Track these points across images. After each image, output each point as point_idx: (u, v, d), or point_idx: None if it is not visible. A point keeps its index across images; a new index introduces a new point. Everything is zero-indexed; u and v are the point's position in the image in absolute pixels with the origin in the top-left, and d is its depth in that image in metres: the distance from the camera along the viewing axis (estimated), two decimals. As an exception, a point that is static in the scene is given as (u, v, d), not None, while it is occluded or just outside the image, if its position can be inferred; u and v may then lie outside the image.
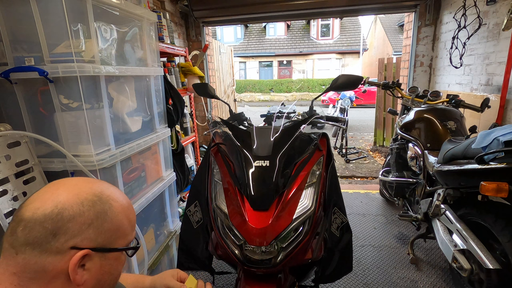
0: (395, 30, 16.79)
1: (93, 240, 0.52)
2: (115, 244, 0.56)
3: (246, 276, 1.09)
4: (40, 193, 0.53)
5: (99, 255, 0.53)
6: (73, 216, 0.50)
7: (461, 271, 1.49)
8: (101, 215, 0.54)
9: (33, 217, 0.49)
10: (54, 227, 0.49)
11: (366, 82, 2.60)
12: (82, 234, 0.51)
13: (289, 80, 17.42)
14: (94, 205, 0.53)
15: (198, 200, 1.27)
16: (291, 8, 3.53)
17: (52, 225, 0.49)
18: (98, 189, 0.56)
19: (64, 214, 0.50)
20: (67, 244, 0.50)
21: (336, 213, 1.19)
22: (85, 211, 0.52)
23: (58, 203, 0.50)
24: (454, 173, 1.54)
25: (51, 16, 1.11)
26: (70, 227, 0.50)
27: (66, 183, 0.56)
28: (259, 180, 1.06)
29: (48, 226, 0.48)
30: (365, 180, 3.86)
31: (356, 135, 6.88)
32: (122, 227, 0.57)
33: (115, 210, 0.56)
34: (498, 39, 2.37)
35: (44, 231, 0.48)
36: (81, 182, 0.56)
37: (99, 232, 0.53)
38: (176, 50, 2.48)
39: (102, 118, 1.28)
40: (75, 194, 0.53)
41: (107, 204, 0.55)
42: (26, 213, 0.49)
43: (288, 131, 1.18)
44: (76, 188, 0.54)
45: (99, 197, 0.55)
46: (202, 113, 4.16)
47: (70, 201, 0.51)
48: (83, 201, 0.52)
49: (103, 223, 0.54)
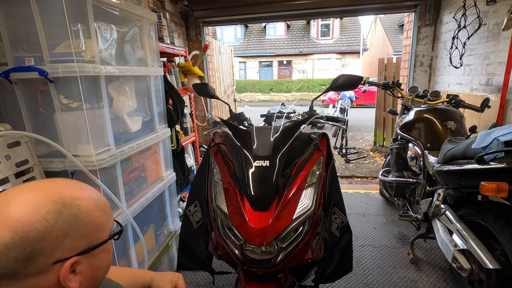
0: (395, 30, 16.79)
1: (75, 248, 0.48)
2: (98, 240, 0.53)
3: (246, 276, 1.09)
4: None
5: (86, 256, 0.50)
6: (41, 236, 0.44)
7: (461, 271, 1.50)
8: (73, 222, 0.48)
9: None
10: (23, 253, 0.42)
11: (366, 82, 2.60)
12: (60, 247, 0.46)
13: (289, 80, 17.42)
14: (60, 214, 0.47)
15: (198, 200, 1.27)
16: (291, 8, 3.53)
17: (20, 253, 0.42)
18: (56, 194, 0.48)
19: (30, 237, 0.43)
20: (48, 261, 0.45)
21: (336, 213, 1.19)
22: (52, 226, 0.45)
23: (16, 228, 0.42)
24: (454, 173, 1.54)
25: (51, 16, 1.11)
26: (44, 247, 0.44)
27: (16, 198, 0.46)
28: (259, 180, 1.06)
29: (16, 255, 0.42)
30: (365, 180, 3.86)
31: (356, 135, 6.88)
32: (99, 221, 0.53)
33: (85, 210, 0.51)
34: (498, 39, 2.37)
35: (14, 261, 0.42)
36: (34, 192, 0.48)
37: (78, 238, 0.49)
38: (176, 50, 2.48)
39: (102, 118, 1.28)
40: (33, 210, 0.45)
41: (74, 207, 0.49)
42: None
43: (288, 131, 1.18)
44: (30, 201, 0.46)
45: (62, 203, 0.48)
46: (202, 113, 4.16)
47: (29, 221, 0.44)
48: (45, 215, 0.45)
49: (79, 229, 0.49)
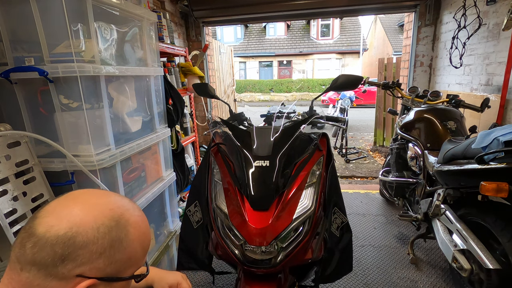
0: (395, 30, 16.79)
1: (102, 270, 0.49)
2: (124, 273, 0.53)
3: (246, 276, 1.09)
4: (58, 207, 0.49)
5: (104, 284, 0.50)
6: (86, 243, 0.47)
7: (461, 271, 1.50)
8: (115, 243, 0.50)
9: (45, 236, 0.45)
10: (64, 252, 0.46)
11: (366, 82, 2.60)
12: (91, 263, 0.47)
13: (289, 80, 17.42)
14: (110, 232, 0.49)
15: (198, 200, 1.27)
16: (291, 8, 3.53)
17: (62, 249, 0.45)
18: (118, 212, 0.52)
19: (77, 240, 0.46)
20: (74, 271, 0.46)
21: (336, 213, 1.19)
22: (99, 239, 0.48)
23: (73, 226, 0.47)
24: (454, 173, 1.54)
25: (51, 16, 1.11)
26: (80, 255, 0.47)
27: (86, 200, 0.51)
28: (259, 180, 1.06)
29: (58, 250, 0.45)
30: (365, 180, 3.86)
31: (356, 135, 6.88)
32: (135, 256, 0.54)
33: (130, 238, 0.52)
34: (498, 39, 2.37)
35: (53, 254, 0.45)
36: (102, 201, 0.52)
37: (110, 262, 0.49)
38: (176, 50, 2.48)
39: (102, 118, 1.28)
40: (93, 217, 0.49)
41: (124, 231, 0.51)
42: (39, 228, 0.46)
43: (288, 131, 1.18)
44: (95, 209, 0.50)
45: (117, 222, 0.51)
46: (202, 113, 4.16)
47: (86, 225, 0.48)
48: (100, 226, 0.49)
49: (115, 253, 0.50)
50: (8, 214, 1.04)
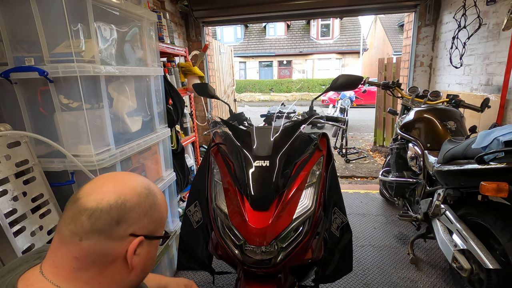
0: (395, 30, 16.78)
1: (146, 228, 0.59)
2: (158, 232, 0.63)
3: (246, 276, 1.09)
4: (97, 186, 0.58)
5: (147, 242, 0.60)
6: (133, 206, 0.57)
7: (461, 271, 1.50)
8: (153, 206, 0.60)
9: (98, 207, 0.53)
10: (118, 216, 0.54)
11: (366, 82, 2.60)
12: (139, 222, 0.57)
13: (289, 80, 17.42)
14: (147, 197, 0.60)
15: (198, 200, 1.27)
16: (291, 8, 3.53)
17: (117, 214, 0.54)
18: (146, 183, 0.63)
19: (126, 205, 0.56)
20: (128, 231, 0.56)
21: (336, 213, 1.19)
22: (142, 202, 0.58)
23: (121, 195, 0.56)
24: (454, 173, 1.54)
25: (51, 16, 1.11)
26: (131, 216, 0.56)
27: (119, 178, 0.61)
28: (259, 180, 1.06)
29: (114, 215, 0.54)
30: (365, 180, 3.86)
31: (356, 135, 6.88)
32: (164, 217, 0.65)
33: (160, 202, 0.63)
34: (498, 39, 2.37)
35: (110, 219, 0.54)
36: (133, 177, 0.63)
37: (151, 221, 0.60)
38: (176, 50, 2.48)
39: (102, 118, 1.28)
40: (133, 188, 0.59)
41: (155, 196, 0.62)
42: (89, 203, 0.54)
43: (288, 131, 1.18)
44: (130, 181, 0.60)
45: (149, 190, 0.61)
46: (202, 113, 4.16)
47: (130, 193, 0.57)
48: (140, 193, 0.59)
49: (154, 213, 0.61)
50: (8, 214, 1.04)
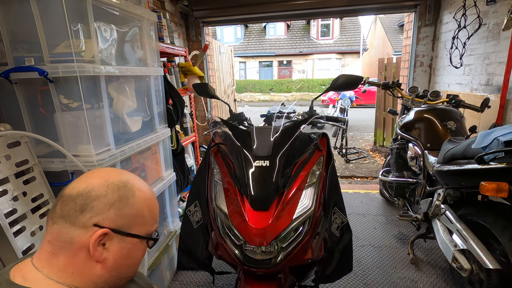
0: (395, 30, 16.78)
1: (113, 221, 0.58)
2: (132, 229, 0.61)
3: (246, 276, 1.09)
4: (81, 177, 0.62)
5: (118, 237, 0.59)
6: (98, 196, 0.58)
7: (461, 271, 1.49)
8: (123, 199, 0.60)
9: (69, 194, 0.58)
10: (83, 203, 0.57)
11: (366, 82, 2.60)
12: (104, 213, 0.57)
13: (289, 80, 17.41)
14: (118, 189, 0.60)
15: (198, 200, 1.27)
16: (291, 8, 3.53)
17: (81, 201, 0.57)
18: (125, 178, 0.63)
19: (91, 193, 0.58)
20: (91, 220, 0.56)
21: (336, 213, 1.19)
22: (109, 193, 0.59)
23: (89, 184, 0.59)
24: (454, 173, 1.54)
25: (51, 16, 1.11)
26: (95, 205, 0.57)
27: (100, 171, 0.64)
28: (259, 180, 1.06)
29: (79, 201, 0.57)
30: (365, 180, 3.86)
31: (356, 135, 6.88)
32: (142, 214, 0.63)
33: (137, 198, 0.62)
34: (498, 39, 2.37)
35: (74, 206, 0.56)
36: (113, 172, 0.65)
37: (119, 215, 0.59)
38: (176, 50, 2.48)
39: (102, 118, 1.28)
40: (104, 179, 0.61)
41: (130, 191, 0.62)
42: (66, 190, 0.59)
43: (288, 131, 1.18)
44: (106, 175, 0.62)
45: (124, 184, 0.62)
46: (202, 113, 4.15)
47: (98, 184, 0.59)
48: (109, 184, 0.60)
49: (123, 207, 0.60)
50: (8, 214, 1.04)
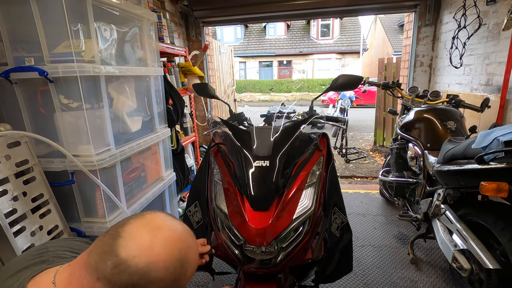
0: (395, 30, 16.78)
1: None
2: None
3: (246, 276, 1.09)
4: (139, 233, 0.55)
5: None
6: (156, 279, 0.54)
7: (461, 271, 1.49)
8: (176, 280, 0.58)
9: (126, 262, 0.52)
10: (138, 282, 0.53)
11: (366, 82, 2.60)
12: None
13: (289, 80, 17.42)
14: (175, 271, 0.57)
15: (198, 200, 1.27)
16: (291, 8, 3.53)
17: (138, 279, 0.53)
18: (184, 252, 0.59)
19: (151, 275, 0.53)
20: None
21: (336, 213, 1.19)
22: (167, 277, 0.55)
23: (150, 262, 0.54)
24: (454, 173, 1.54)
25: (51, 16, 1.11)
26: (149, 287, 0.54)
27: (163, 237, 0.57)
28: (259, 180, 1.06)
29: (135, 279, 0.52)
30: (365, 180, 3.86)
31: (356, 135, 6.88)
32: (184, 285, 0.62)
33: (188, 275, 0.61)
34: (498, 39, 2.37)
35: (129, 281, 0.52)
36: (174, 236, 0.59)
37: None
38: (176, 50, 2.48)
39: (102, 118, 1.28)
40: (167, 255, 0.56)
41: (184, 270, 0.59)
42: (122, 252, 0.53)
43: (288, 131, 1.18)
44: (168, 246, 0.57)
45: (181, 263, 0.58)
46: (202, 113, 4.16)
47: (159, 264, 0.54)
48: (169, 266, 0.56)
49: (174, 286, 0.58)
50: (8, 214, 1.04)
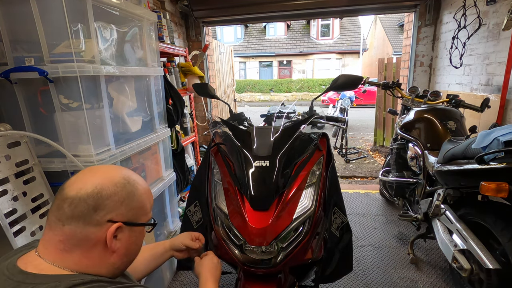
0: (395, 30, 16.78)
1: (124, 215, 0.63)
2: (139, 219, 0.68)
3: (246, 276, 1.09)
4: (79, 177, 0.63)
5: (128, 228, 0.65)
6: (109, 195, 0.61)
7: (461, 271, 1.49)
8: (130, 195, 0.65)
9: (77, 196, 0.59)
10: (95, 203, 0.59)
11: (366, 82, 2.60)
12: (116, 210, 0.62)
13: (289, 80, 17.42)
14: (124, 186, 0.64)
15: (198, 200, 1.27)
16: (291, 8, 3.52)
17: (93, 202, 0.59)
18: (126, 174, 0.67)
19: (102, 193, 0.60)
20: (105, 217, 0.60)
21: (336, 213, 1.19)
22: (118, 191, 0.63)
23: (97, 184, 0.61)
24: (454, 173, 1.54)
25: (51, 16, 1.11)
26: (107, 204, 0.61)
27: (100, 169, 0.67)
28: (259, 180, 1.06)
29: (91, 202, 0.59)
30: (365, 180, 3.86)
31: (356, 135, 6.88)
32: (145, 206, 0.69)
33: (140, 192, 0.68)
34: (498, 39, 2.37)
35: (87, 207, 0.59)
36: (112, 169, 0.68)
37: (129, 209, 0.64)
38: (176, 50, 2.48)
39: (102, 118, 1.28)
40: (110, 178, 0.64)
41: (134, 186, 0.67)
42: (70, 192, 0.60)
43: (288, 131, 1.18)
44: (108, 173, 0.65)
45: (127, 181, 0.66)
46: (202, 113, 4.15)
47: (106, 183, 0.62)
48: (117, 183, 0.64)
49: (131, 202, 0.65)
50: (8, 214, 1.04)
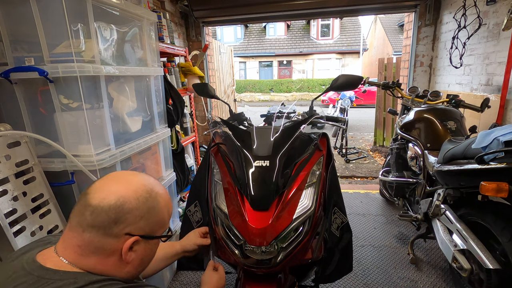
0: (395, 30, 16.78)
1: (142, 229, 0.65)
2: (156, 233, 0.70)
3: (246, 276, 1.09)
4: (103, 184, 0.65)
5: (144, 241, 0.67)
6: (131, 209, 0.63)
7: (461, 271, 1.49)
8: (151, 210, 0.66)
9: (99, 205, 0.60)
10: (116, 216, 0.61)
11: (366, 82, 2.60)
12: (135, 224, 0.64)
13: (289, 80, 17.43)
14: (146, 201, 0.65)
15: (198, 200, 1.27)
16: (291, 8, 3.53)
17: (114, 215, 0.61)
18: (150, 186, 0.68)
19: (124, 207, 0.62)
20: (124, 231, 0.62)
21: (336, 213, 1.19)
22: (140, 206, 0.64)
23: (120, 197, 0.62)
24: (454, 173, 1.54)
25: (51, 16, 1.11)
26: (128, 218, 0.62)
27: (124, 178, 0.68)
28: (259, 180, 1.05)
29: (112, 215, 0.61)
30: (365, 180, 3.86)
31: (356, 135, 6.88)
32: (163, 220, 0.71)
33: (160, 206, 0.69)
34: (498, 39, 2.37)
35: (108, 219, 0.60)
36: (137, 178, 0.68)
37: (147, 223, 0.66)
38: (176, 50, 2.48)
39: (102, 118, 1.28)
40: (133, 190, 0.65)
41: (155, 200, 0.67)
42: (93, 200, 0.61)
43: (288, 131, 1.18)
44: (133, 184, 0.66)
45: (150, 194, 0.67)
46: (202, 113, 4.15)
47: (129, 196, 0.63)
48: (139, 197, 0.65)
49: (151, 216, 0.66)
50: (8, 214, 1.04)
